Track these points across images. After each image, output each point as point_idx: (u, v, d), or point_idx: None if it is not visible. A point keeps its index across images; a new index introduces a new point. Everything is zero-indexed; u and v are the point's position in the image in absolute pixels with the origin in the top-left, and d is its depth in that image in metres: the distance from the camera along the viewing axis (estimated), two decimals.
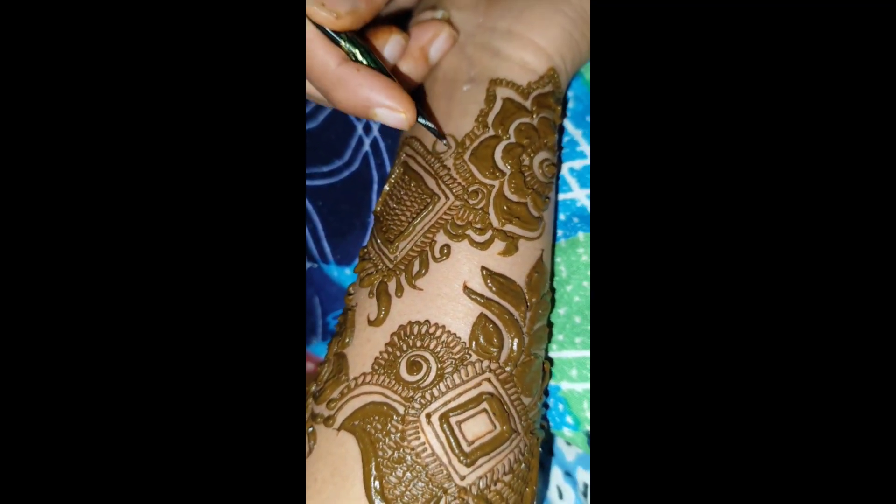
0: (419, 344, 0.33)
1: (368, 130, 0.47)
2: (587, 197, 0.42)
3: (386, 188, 0.38)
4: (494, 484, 0.32)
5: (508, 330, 0.33)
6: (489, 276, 0.34)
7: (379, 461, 0.31)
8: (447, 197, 0.35)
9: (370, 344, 0.34)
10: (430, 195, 0.35)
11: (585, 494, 0.40)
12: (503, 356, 0.33)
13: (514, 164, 0.35)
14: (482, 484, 0.32)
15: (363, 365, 0.33)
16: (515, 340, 0.33)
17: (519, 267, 0.35)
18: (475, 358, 0.33)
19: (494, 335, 0.33)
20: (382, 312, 0.34)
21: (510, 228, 0.34)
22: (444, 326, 0.33)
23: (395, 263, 0.35)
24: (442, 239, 0.34)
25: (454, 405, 0.32)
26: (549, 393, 0.39)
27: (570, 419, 0.39)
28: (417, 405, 0.32)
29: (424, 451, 0.31)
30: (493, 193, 0.35)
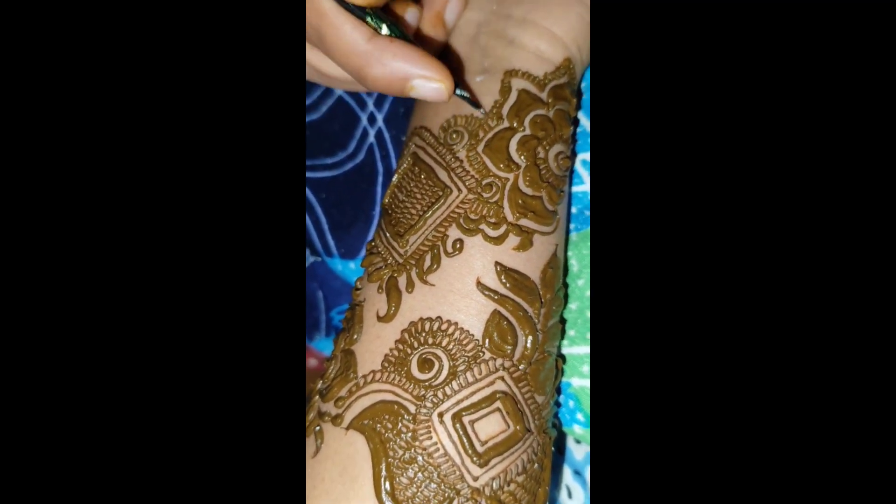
0: (431, 341, 0.32)
1: (373, 121, 0.46)
2: None
3: (394, 180, 0.37)
4: (508, 485, 0.31)
5: (522, 327, 0.32)
6: (503, 271, 0.33)
7: (390, 461, 0.30)
8: (460, 190, 0.34)
9: (380, 340, 0.33)
10: (441, 188, 0.34)
11: None
12: (517, 354, 0.32)
13: (529, 156, 0.34)
14: (495, 485, 0.31)
15: (372, 362, 0.32)
16: (529, 338, 0.32)
17: (533, 262, 0.34)
18: (488, 356, 0.32)
19: (508, 332, 0.32)
20: (393, 308, 0.33)
21: (525, 223, 0.34)
22: (456, 323, 0.32)
23: (405, 258, 0.34)
24: (454, 233, 0.33)
25: (467, 404, 0.31)
26: (560, 390, 0.38)
27: (580, 416, 0.39)
28: (429, 404, 0.31)
29: (437, 451, 0.30)
30: (507, 186, 0.34)
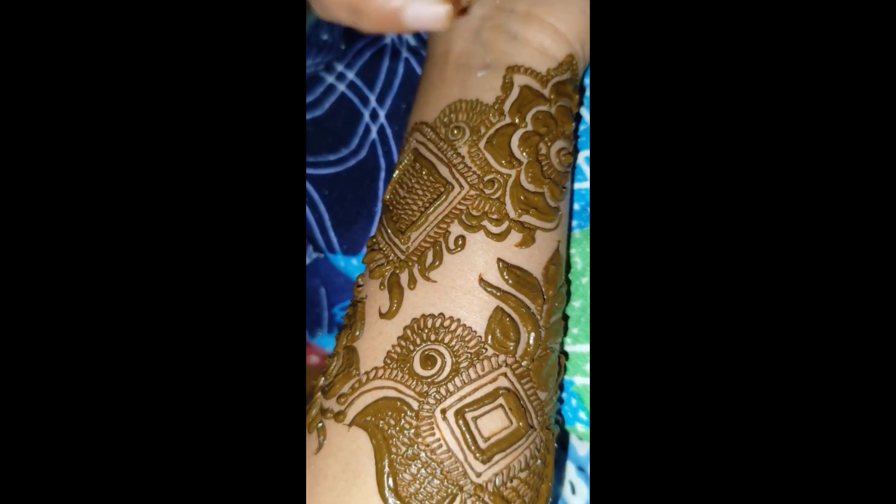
0: (433, 338, 0.32)
1: (375, 117, 0.46)
2: None
3: (395, 175, 0.37)
4: (511, 481, 0.31)
5: (525, 323, 0.32)
6: (506, 268, 0.33)
7: (392, 458, 0.30)
8: (461, 186, 0.34)
9: (382, 337, 0.33)
10: (443, 184, 0.34)
11: None
12: (520, 350, 0.32)
13: (531, 152, 0.34)
14: (498, 481, 0.31)
15: (375, 359, 0.32)
16: (532, 334, 0.32)
17: (536, 259, 0.34)
18: (491, 352, 0.32)
19: (511, 329, 0.32)
20: (395, 305, 0.33)
21: (527, 219, 0.33)
22: (459, 320, 0.32)
23: (407, 254, 0.34)
24: (456, 230, 0.33)
25: (470, 400, 0.31)
26: (563, 387, 0.38)
27: (583, 414, 0.39)
28: (432, 400, 0.31)
29: (440, 447, 0.30)
30: (509, 183, 0.34)
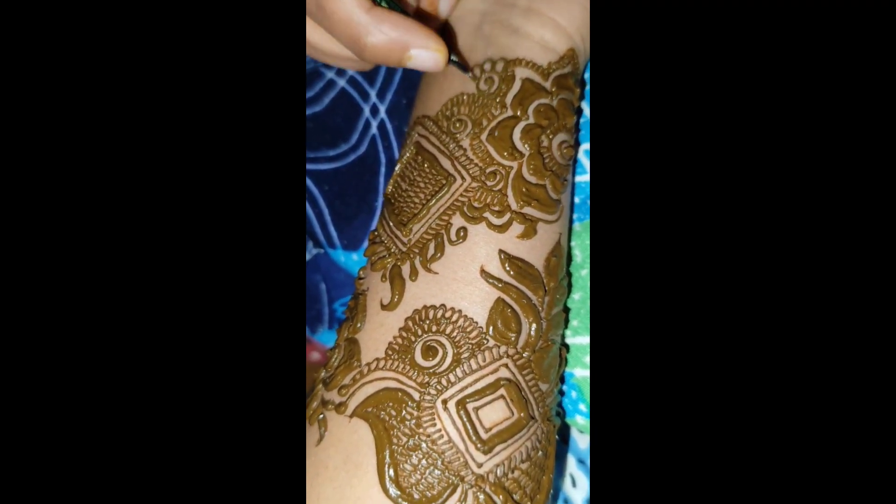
0: (435, 329, 0.32)
1: (375, 112, 0.46)
2: None
3: (397, 169, 0.37)
4: (512, 472, 0.31)
5: (526, 315, 0.32)
6: (507, 259, 0.33)
7: (393, 448, 0.30)
8: (463, 178, 0.34)
9: (383, 328, 0.33)
10: (445, 176, 0.34)
11: None
12: (521, 341, 0.32)
13: (532, 145, 0.34)
14: (499, 472, 0.31)
15: (376, 350, 0.32)
16: (533, 325, 0.32)
17: (537, 250, 0.34)
18: (492, 343, 0.32)
19: (512, 320, 0.32)
20: (396, 296, 0.33)
21: (529, 211, 0.34)
22: (460, 311, 0.32)
23: (408, 246, 0.34)
24: (458, 221, 0.33)
25: (471, 391, 0.31)
26: (564, 379, 0.38)
27: (583, 406, 0.39)
28: (433, 391, 0.31)
29: (441, 438, 0.30)
30: (511, 175, 0.34)
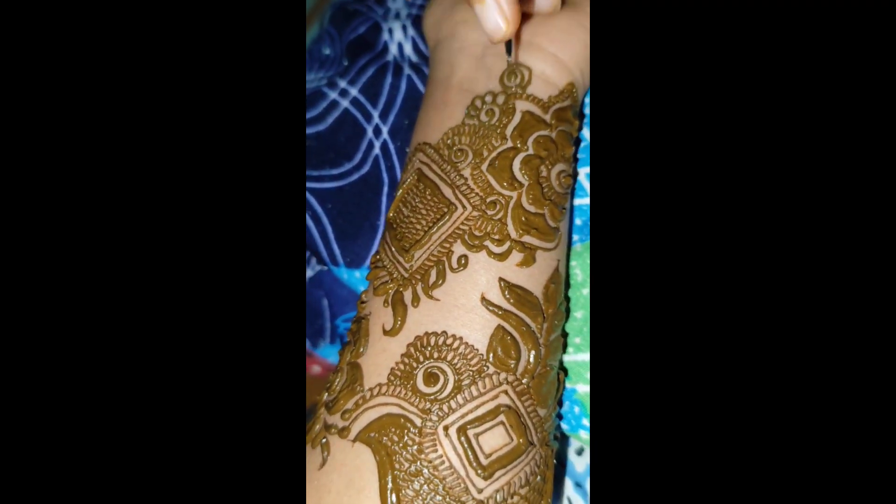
0: (436, 355, 0.33)
1: (378, 133, 0.47)
2: None
3: (399, 194, 0.38)
4: (511, 497, 0.32)
5: (525, 342, 0.33)
6: (507, 287, 0.33)
7: (396, 474, 0.31)
8: (464, 207, 0.35)
9: (386, 354, 0.34)
10: (446, 204, 0.35)
11: None
12: (520, 368, 0.33)
13: (532, 175, 0.35)
14: (499, 497, 0.31)
15: (379, 375, 0.33)
16: (532, 352, 0.33)
17: (536, 278, 0.34)
18: (492, 370, 0.32)
19: (512, 347, 0.33)
20: (399, 322, 0.34)
21: (528, 239, 0.34)
22: (461, 338, 0.33)
23: (410, 272, 0.35)
24: (459, 249, 0.34)
25: (471, 417, 0.32)
26: (561, 403, 0.39)
27: (586, 421, 0.39)
28: (435, 417, 0.32)
29: (442, 463, 0.31)
30: (511, 204, 0.34)
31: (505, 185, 0.35)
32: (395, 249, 0.36)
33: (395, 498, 0.31)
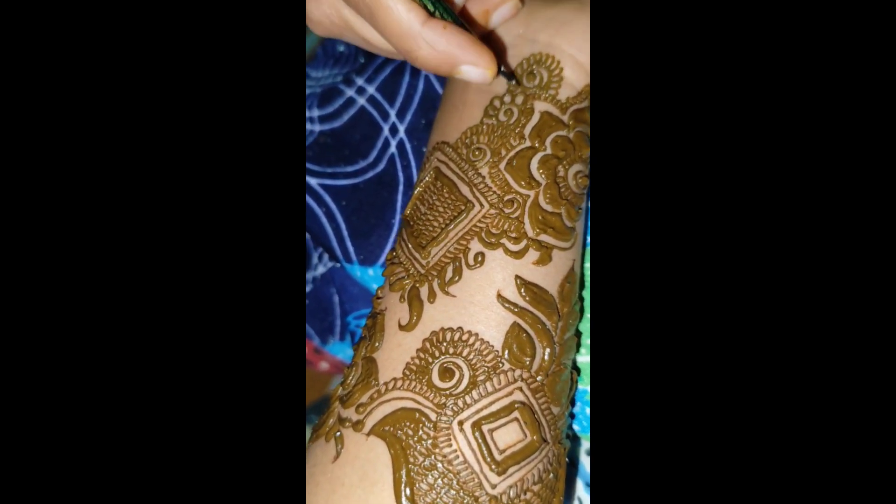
0: (452, 351, 0.33)
1: (395, 132, 0.47)
2: None
3: (416, 192, 0.38)
4: (524, 493, 0.32)
5: (541, 339, 0.33)
6: (523, 285, 0.34)
7: (410, 467, 0.31)
8: (482, 205, 0.35)
9: (401, 349, 0.34)
10: (464, 202, 0.35)
11: None
12: (535, 366, 0.33)
13: (549, 175, 0.35)
14: (513, 493, 0.32)
15: (394, 370, 0.33)
16: (547, 350, 0.33)
17: (552, 277, 0.35)
18: (508, 367, 0.33)
19: (527, 344, 0.33)
20: (414, 318, 0.34)
21: (545, 238, 0.35)
22: (477, 334, 0.33)
23: (427, 269, 0.35)
24: (476, 246, 0.34)
25: (486, 413, 0.32)
26: (574, 402, 0.39)
27: None
28: (450, 412, 0.32)
29: (456, 458, 0.31)
30: (528, 203, 0.35)
31: (522, 183, 0.35)
32: (411, 246, 0.36)
33: (409, 491, 0.31)
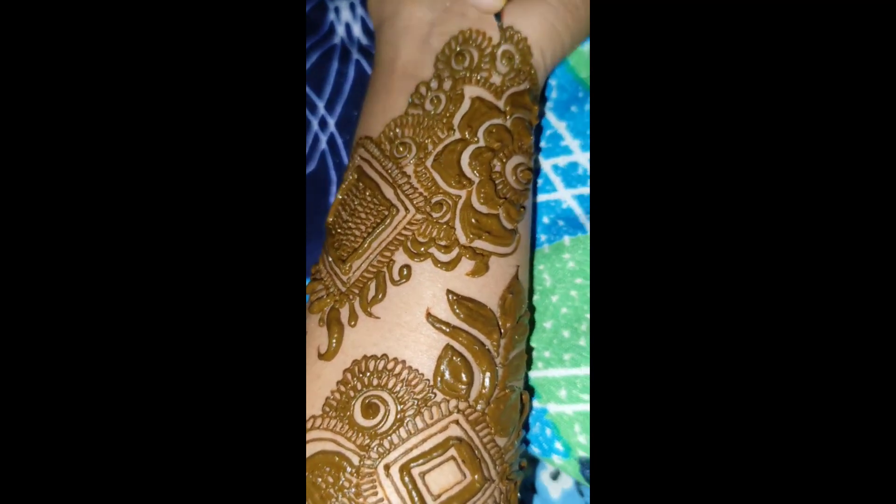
0: (376, 382, 0.28)
1: (325, 126, 0.42)
2: (574, 198, 0.37)
3: (338, 196, 0.33)
4: None
5: (479, 362, 0.29)
6: (456, 300, 0.29)
7: None
8: (407, 209, 0.30)
9: (320, 381, 0.29)
10: (387, 206, 0.31)
11: None
12: (473, 393, 0.29)
13: (483, 170, 0.31)
14: None
15: (312, 406, 0.29)
16: (487, 374, 0.29)
17: (490, 288, 0.30)
18: (441, 397, 0.28)
19: (462, 370, 0.28)
20: (334, 344, 0.30)
21: (480, 244, 0.30)
22: (404, 361, 0.29)
23: (348, 286, 0.30)
24: (401, 258, 0.30)
25: (417, 453, 0.28)
26: (528, 426, 0.35)
27: (559, 445, 0.35)
28: (374, 454, 0.28)
29: None
30: (459, 205, 0.30)
31: (452, 182, 0.30)
32: (332, 259, 0.32)
33: None
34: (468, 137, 0.31)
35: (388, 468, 0.27)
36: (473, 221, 0.30)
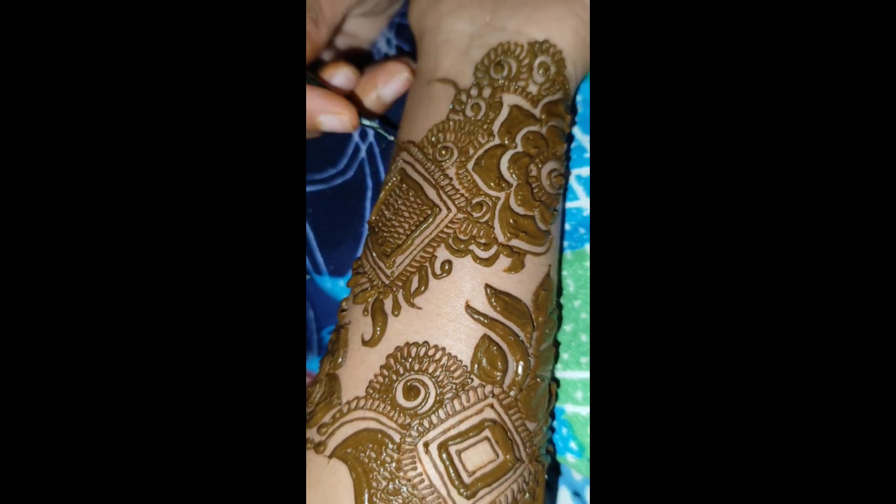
0: (417, 367, 0.31)
1: (364, 136, 0.45)
2: None
3: (381, 196, 0.36)
4: None
5: (513, 352, 0.31)
6: (493, 294, 0.31)
7: (372, 492, 0.29)
8: (449, 209, 0.33)
9: (364, 366, 0.32)
10: (430, 206, 0.33)
11: None
12: (507, 380, 0.31)
13: (520, 174, 0.33)
14: None
15: (357, 388, 0.31)
16: (520, 363, 0.31)
17: (525, 284, 0.32)
18: (477, 383, 0.30)
19: (498, 358, 0.31)
20: (378, 332, 0.32)
21: (516, 243, 0.32)
22: (444, 349, 0.31)
23: (391, 279, 0.33)
24: (443, 254, 0.32)
25: (454, 433, 0.30)
26: (554, 415, 0.37)
27: (574, 444, 0.37)
28: (415, 433, 0.30)
29: (421, 482, 0.29)
30: (498, 206, 0.32)
31: (492, 185, 0.33)
32: (375, 255, 0.34)
33: None
34: (507, 143, 0.33)
35: (427, 445, 0.29)
36: (511, 222, 0.32)
